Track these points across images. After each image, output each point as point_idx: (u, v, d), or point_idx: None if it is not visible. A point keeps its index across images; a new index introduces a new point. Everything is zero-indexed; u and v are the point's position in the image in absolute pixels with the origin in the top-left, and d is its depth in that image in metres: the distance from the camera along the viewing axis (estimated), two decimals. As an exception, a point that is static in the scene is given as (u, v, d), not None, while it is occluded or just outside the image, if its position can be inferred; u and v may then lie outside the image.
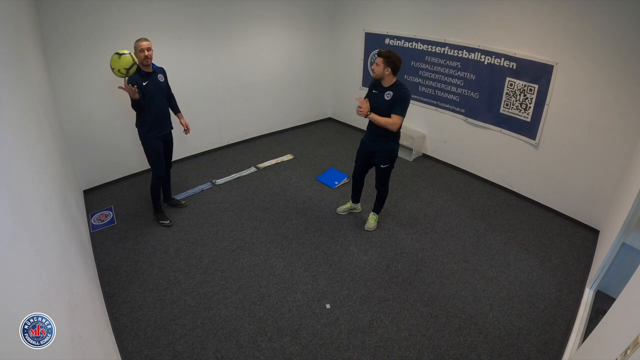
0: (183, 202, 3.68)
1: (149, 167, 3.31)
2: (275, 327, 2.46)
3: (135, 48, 2.85)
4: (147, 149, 3.17)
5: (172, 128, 3.28)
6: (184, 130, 3.33)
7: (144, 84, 2.91)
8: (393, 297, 2.72)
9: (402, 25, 4.49)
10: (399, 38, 4.54)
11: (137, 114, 3.03)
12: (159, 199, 3.40)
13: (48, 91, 2.99)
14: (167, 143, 3.29)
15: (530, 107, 3.63)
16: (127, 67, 2.77)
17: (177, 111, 3.35)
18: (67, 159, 3.32)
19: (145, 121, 3.05)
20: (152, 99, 2.97)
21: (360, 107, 2.84)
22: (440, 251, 3.19)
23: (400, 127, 2.91)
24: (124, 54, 2.76)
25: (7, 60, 1.57)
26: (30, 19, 2.65)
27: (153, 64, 2.99)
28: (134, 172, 4.16)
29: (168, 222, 3.40)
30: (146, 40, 2.86)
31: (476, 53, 3.89)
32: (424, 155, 4.88)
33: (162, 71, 3.14)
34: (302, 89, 5.48)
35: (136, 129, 3.13)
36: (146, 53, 2.86)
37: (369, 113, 2.86)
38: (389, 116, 2.85)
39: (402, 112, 2.83)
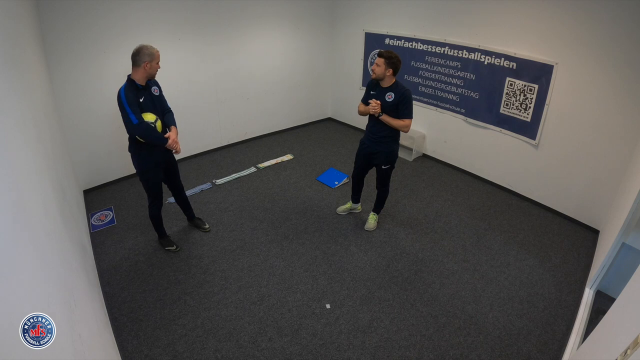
0: (207, 226, 3.34)
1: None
2: (275, 327, 2.46)
3: (154, 57, 2.47)
4: (144, 178, 2.76)
5: (172, 154, 2.85)
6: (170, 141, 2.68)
7: (140, 100, 2.49)
8: (393, 297, 2.72)
9: (402, 25, 4.49)
10: (399, 38, 4.54)
11: (130, 138, 2.60)
12: (161, 226, 3.06)
13: (48, 90, 2.98)
14: (171, 167, 2.92)
15: (530, 107, 3.63)
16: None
17: (170, 124, 2.75)
18: (67, 158, 3.32)
19: (141, 145, 2.60)
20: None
21: (374, 105, 2.85)
22: (440, 251, 3.19)
23: (408, 129, 2.93)
24: (156, 121, 2.57)
25: (8, 59, 1.57)
26: (31, 17, 2.65)
27: None
28: (134, 172, 4.13)
29: (174, 247, 3.08)
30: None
31: (476, 53, 3.89)
32: (424, 155, 4.88)
33: (156, 83, 2.70)
34: (302, 89, 5.48)
35: (129, 154, 2.71)
36: (159, 66, 2.55)
37: (381, 113, 2.87)
38: (390, 117, 2.87)
39: (411, 114, 2.88)
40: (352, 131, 5.57)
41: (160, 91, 2.73)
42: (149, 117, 2.55)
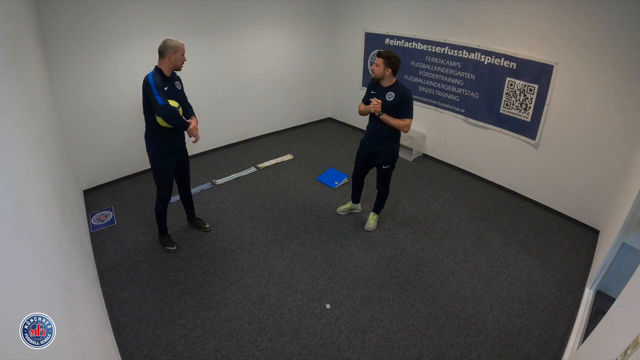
0: (207, 226, 3.34)
1: (149, 166, 3.00)
2: (275, 327, 2.46)
3: (178, 49, 2.56)
4: (156, 168, 2.82)
5: (185, 148, 2.95)
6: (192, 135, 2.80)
7: (165, 88, 2.61)
8: (393, 297, 2.72)
9: (402, 25, 4.49)
10: (399, 38, 4.54)
11: (148, 124, 2.70)
12: (165, 223, 3.09)
13: (48, 89, 2.98)
14: (182, 160, 2.97)
15: (530, 107, 3.63)
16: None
17: (191, 116, 2.86)
18: (67, 158, 3.32)
19: (157, 134, 2.71)
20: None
21: (375, 104, 2.85)
22: (440, 251, 3.19)
23: (408, 128, 2.93)
24: (178, 108, 2.68)
25: (8, 59, 1.57)
26: (31, 17, 2.65)
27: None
28: (134, 172, 4.16)
29: (175, 248, 3.08)
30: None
31: (476, 53, 3.89)
32: (424, 155, 4.88)
33: (179, 79, 2.82)
34: (302, 89, 5.48)
35: (144, 140, 2.79)
36: (185, 58, 2.64)
37: (382, 112, 2.87)
38: (391, 116, 2.88)
39: (411, 114, 2.88)
40: (352, 131, 5.57)
41: (182, 87, 2.84)
42: (172, 103, 2.66)
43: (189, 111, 2.87)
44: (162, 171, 2.84)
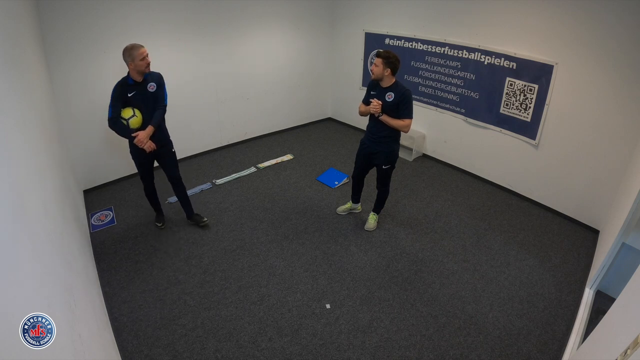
0: (205, 219, 3.38)
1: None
2: (275, 327, 2.46)
3: (134, 57, 2.59)
4: (132, 156, 3.01)
5: (163, 146, 2.97)
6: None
7: (129, 95, 2.70)
8: (393, 297, 2.72)
9: (402, 25, 4.49)
10: (399, 38, 4.54)
11: None
12: (152, 203, 3.34)
13: (48, 89, 2.98)
14: (157, 157, 3.03)
15: (530, 107, 3.63)
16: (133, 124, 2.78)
17: (151, 122, 2.82)
18: (67, 158, 3.32)
19: (130, 132, 2.81)
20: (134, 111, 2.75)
21: (375, 105, 2.85)
22: (440, 251, 3.19)
23: (408, 129, 2.93)
24: (131, 117, 2.76)
25: (8, 59, 1.57)
26: (31, 17, 2.65)
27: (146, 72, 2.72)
28: (134, 172, 4.13)
29: (160, 224, 3.36)
30: (142, 45, 2.66)
31: (476, 53, 3.89)
32: (424, 155, 4.88)
33: (157, 79, 2.82)
34: (302, 89, 5.48)
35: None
36: (148, 60, 2.65)
37: (381, 113, 2.87)
38: (390, 117, 2.88)
39: (411, 114, 2.88)
40: (352, 131, 5.57)
41: (159, 87, 2.84)
42: (126, 112, 2.76)
43: (155, 115, 2.82)
44: (135, 161, 3.02)
